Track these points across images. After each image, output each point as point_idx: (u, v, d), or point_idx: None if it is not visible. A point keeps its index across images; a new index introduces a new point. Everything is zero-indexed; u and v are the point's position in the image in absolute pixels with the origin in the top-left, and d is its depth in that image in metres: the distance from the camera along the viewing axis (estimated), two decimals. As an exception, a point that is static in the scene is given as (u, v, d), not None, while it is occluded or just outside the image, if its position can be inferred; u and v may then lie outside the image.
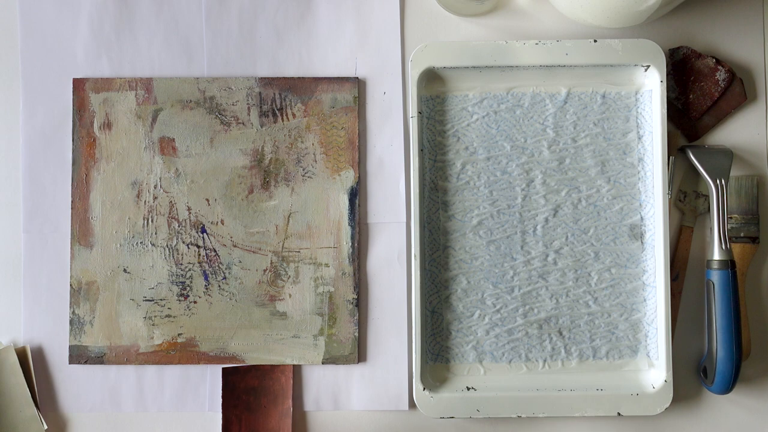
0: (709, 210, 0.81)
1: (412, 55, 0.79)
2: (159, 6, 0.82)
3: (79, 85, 0.81)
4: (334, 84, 0.81)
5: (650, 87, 0.80)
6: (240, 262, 0.80)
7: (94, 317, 0.79)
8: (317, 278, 0.80)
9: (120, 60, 0.81)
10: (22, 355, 0.79)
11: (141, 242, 0.80)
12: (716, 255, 0.77)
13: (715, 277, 0.77)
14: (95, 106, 0.81)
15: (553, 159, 0.80)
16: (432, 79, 0.80)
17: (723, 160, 0.79)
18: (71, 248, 0.80)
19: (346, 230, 0.80)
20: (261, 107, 0.81)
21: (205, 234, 0.80)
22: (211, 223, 0.80)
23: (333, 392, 0.80)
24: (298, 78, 0.81)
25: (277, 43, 0.82)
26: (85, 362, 0.79)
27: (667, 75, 0.80)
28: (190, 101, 0.81)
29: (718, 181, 0.78)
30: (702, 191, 0.82)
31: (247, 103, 0.81)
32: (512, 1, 0.82)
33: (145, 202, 0.80)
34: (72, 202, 0.80)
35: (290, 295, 0.80)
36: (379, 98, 0.81)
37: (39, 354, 0.80)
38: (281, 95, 0.81)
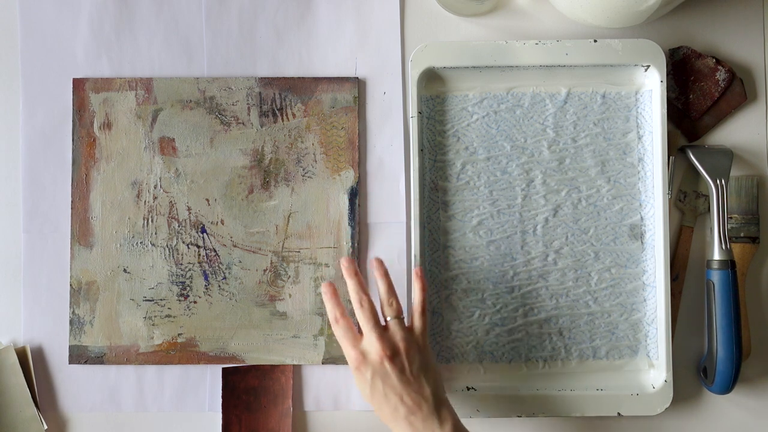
0: (709, 210, 0.81)
1: (412, 55, 0.79)
2: (159, 6, 0.82)
3: (79, 85, 0.81)
4: (334, 84, 0.81)
5: (650, 87, 0.80)
6: (240, 262, 0.80)
7: (94, 317, 0.79)
8: (317, 278, 0.80)
9: (120, 60, 0.81)
10: (22, 355, 0.79)
11: (141, 242, 0.80)
12: (716, 255, 0.77)
13: (715, 277, 0.77)
14: (95, 106, 0.81)
15: (553, 159, 0.80)
16: (432, 79, 0.80)
17: (723, 160, 0.79)
18: (71, 248, 0.80)
19: (346, 230, 0.80)
20: (261, 107, 0.81)
21: (205, 234, 0.80)
22: (211, 223, 0.80)
23: (333, 392, 0.80)
24: (298, 78, 0.81)
25: (277, 43, 0.82)
26: (85, 362, 0.79)
27: (667, 75, 0.80)
28: (190, 101, 0.81)
29: (718, 181, 0.78)
30: (702, 191, 0.81)
31: (247, 103, 0.81)
32: (512, 1, 0.82)
33: (145, 202, 0.80)
34: (72, 202, 0.80)
35: (290, 295, 0.80)
36: (379, 98, 0.81)
37: (39, 354, 0.80)
38: (281, 95, 0.81)
